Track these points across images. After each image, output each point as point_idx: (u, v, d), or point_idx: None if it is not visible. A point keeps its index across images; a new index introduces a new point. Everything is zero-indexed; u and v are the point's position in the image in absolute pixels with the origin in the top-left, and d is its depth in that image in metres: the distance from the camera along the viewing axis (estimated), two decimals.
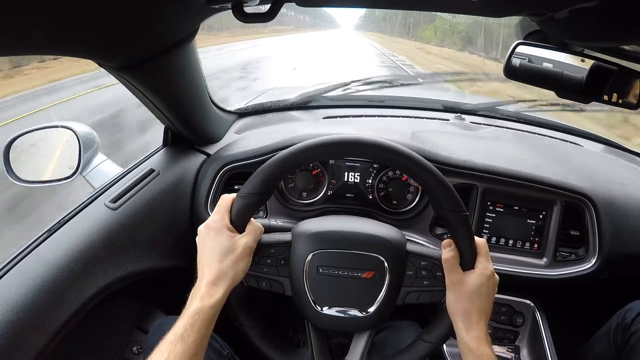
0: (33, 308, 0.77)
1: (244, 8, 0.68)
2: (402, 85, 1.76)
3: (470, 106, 1.65)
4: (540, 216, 1.14)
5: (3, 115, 6.68)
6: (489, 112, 1.63)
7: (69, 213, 0.97)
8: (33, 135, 1.15)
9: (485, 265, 0.73)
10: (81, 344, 0.91)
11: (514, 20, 0.91)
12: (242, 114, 1.52)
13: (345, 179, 1.20)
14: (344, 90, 1.62)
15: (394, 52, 21.21)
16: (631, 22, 0.63)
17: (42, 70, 10.45)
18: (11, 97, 8.05)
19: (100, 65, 0.81)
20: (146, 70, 0.86)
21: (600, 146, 1.56)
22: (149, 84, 0.93)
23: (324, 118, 1.52)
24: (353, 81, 1.66)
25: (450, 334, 0.75)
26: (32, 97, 8.15)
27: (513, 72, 0.85)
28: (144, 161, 1.17)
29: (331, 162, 1.19)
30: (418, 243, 1.13)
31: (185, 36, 0.86)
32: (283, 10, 0.75)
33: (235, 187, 1.19)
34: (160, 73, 0.91)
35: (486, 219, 1.16)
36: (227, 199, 0.73)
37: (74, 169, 1.14)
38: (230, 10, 0.74)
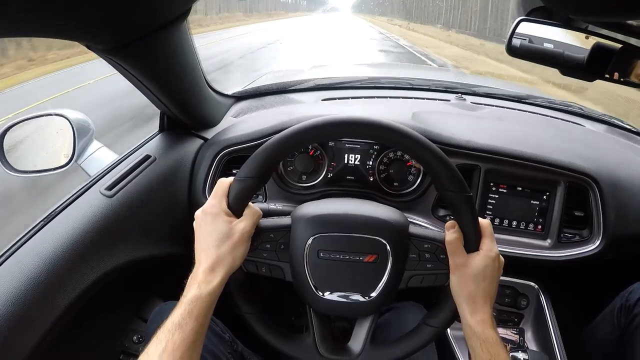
0: (29, 300, 0.75)
1: None
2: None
3: (471, 86, 1.62)
4: (544, 197, 1.12)
5: None
6: (490, 92, 1.61)
7: (64, 201, 0.95)
8: (27, 124, 1.13)
9: (490, 247, 0.71)
10: (79, 336, 0.90)
11: None
12: (239, 97, 1.49)
13: (345, 161, 1.17)
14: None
15: None
16: None
17: None
18: None
19: (88, 47, 0.78)
20: (136, 51, 0.82)
21: (602, 126, 1.53)
22: (140, 66, 0.90)
23: (322, 100, 1.50)
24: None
25: (455, 317, 0.74)
26: None
27: (514, 51, 0.84)
28: (139, 147, 1.15)
29: (331, 144, 1.17)
30: (420, 225, 1.11)
31: (177, 15, 0.83)
32: None
33: (234, 171, 1.16)
34: (151, 54, 0.88)
35: (489, 200, 1.14)
36: (224, 182, 0.71)
37: (69, 157, 1.12)
38: None
